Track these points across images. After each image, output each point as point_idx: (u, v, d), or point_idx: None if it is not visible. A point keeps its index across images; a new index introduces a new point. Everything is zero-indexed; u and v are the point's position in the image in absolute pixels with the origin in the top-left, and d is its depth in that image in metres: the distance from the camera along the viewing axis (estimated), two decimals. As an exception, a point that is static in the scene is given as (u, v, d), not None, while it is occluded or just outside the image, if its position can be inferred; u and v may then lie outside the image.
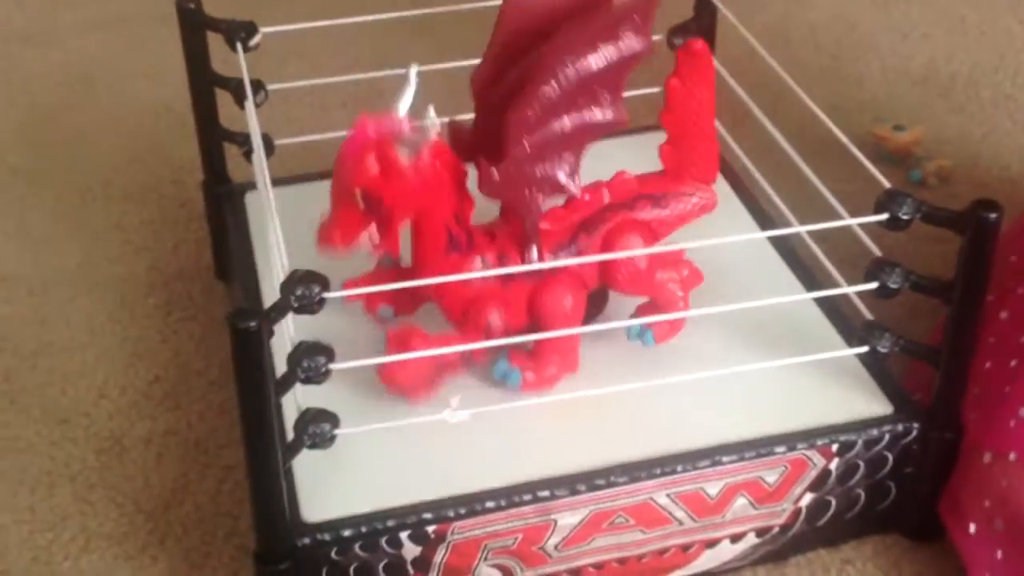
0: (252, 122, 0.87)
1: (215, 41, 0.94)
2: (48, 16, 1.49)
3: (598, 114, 0.74)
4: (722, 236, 0.85)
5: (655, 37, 0.97)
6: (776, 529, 0.79)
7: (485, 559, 0.74)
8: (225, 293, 1.05)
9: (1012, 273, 0.84)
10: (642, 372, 0.78)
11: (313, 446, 0.69)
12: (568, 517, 0.74)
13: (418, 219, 0.75)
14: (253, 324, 0.62)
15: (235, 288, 0.94)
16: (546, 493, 0.73)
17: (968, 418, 0.77)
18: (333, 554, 0.71)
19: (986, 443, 0.76)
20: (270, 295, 0.85)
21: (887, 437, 0.78)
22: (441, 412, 0.72)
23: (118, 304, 1.06)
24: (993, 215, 0.70)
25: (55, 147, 1.26)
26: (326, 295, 0.67)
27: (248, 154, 0.95)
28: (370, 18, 0.96)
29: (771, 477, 0.77)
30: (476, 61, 0.80)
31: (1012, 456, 0.74)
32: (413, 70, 0.76)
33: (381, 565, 0.72)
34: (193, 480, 0.89)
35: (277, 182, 0.84)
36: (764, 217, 0.94)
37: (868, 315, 0.79)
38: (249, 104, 0.88)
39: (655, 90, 1.00)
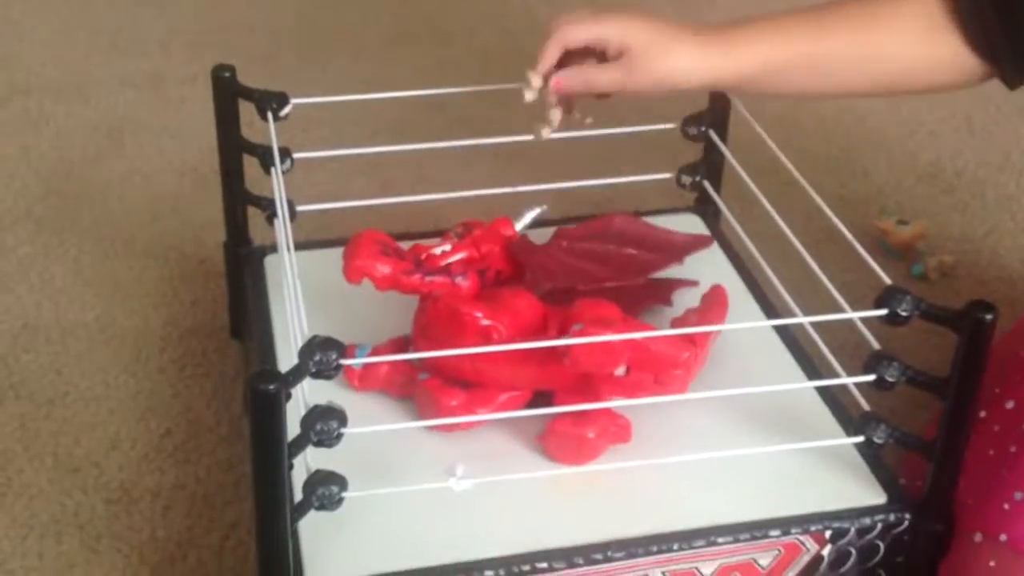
0: (279, 190, 0.90)
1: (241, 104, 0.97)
2: (81, 71, 1.53)
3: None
4: (726, 321, 0.89)
5: (670, 125, 1.02)
6: (768, 612, 0.81)
7: (482, 626, 0.75)
8: (239, 351, 1.07)
9: (1021, 365, 0.86)
10: (643, 450, 0.80)
11: (321, 508, 0.71)
12: (564, 589, 0.76)
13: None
14: (272, 387, 0.64)
15: (251, 348, 0.96)
16: (544, 565, 0.75)
17: (966, 502, 0.79)
18: (334, 615, 0.73)
19: (978, 524, 0.78)
20: (285, 356, 0.88)
21: (879, 526, 0.79)
22: (447, 480, 0.74)
23: (134, 357, 1.08)
24: (989, 316, 0.72)
25: (80, 200, 1.29)
26: (343, 362, 0.69)
27: (271, 218, 0.98)
28: (397, 95, 0.99)
29: (764, 560, 0.79)
30: (489, 140, 0.88)
31: (1003, 538, 0.76)
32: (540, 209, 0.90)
33: (381, 628, 0.74)
34: (198, 535, 0.91)
35: (297, 246, 0.86)
36: (767, 303, 0.97)
37: (865, 406, 0.81)
38: (276, 172, 0.91)
39: (667, 175, 1.04)
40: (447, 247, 0.86)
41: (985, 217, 1.30)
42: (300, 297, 0.78)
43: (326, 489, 0.70)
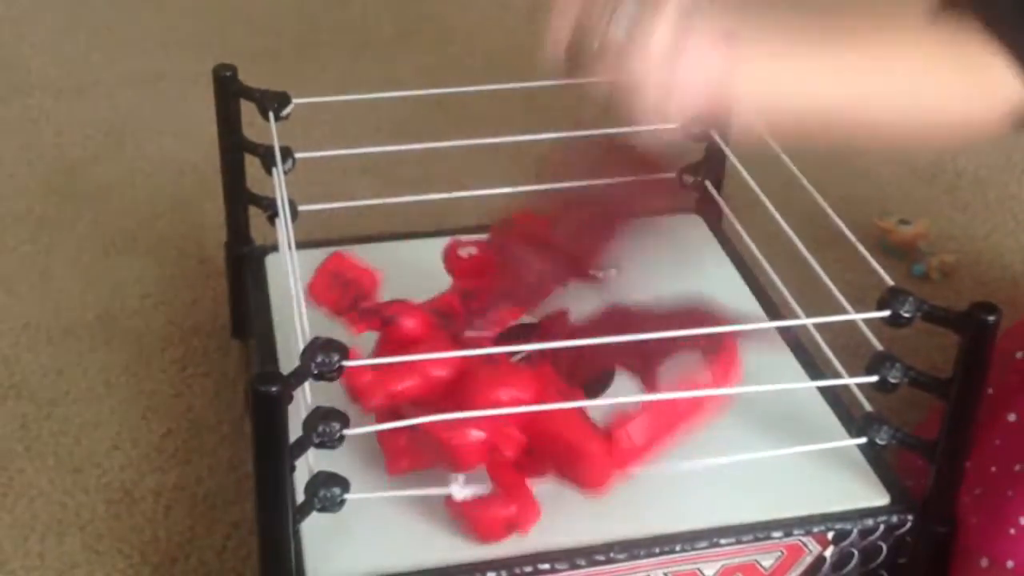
0: (280, 190, 0.90)
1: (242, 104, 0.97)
2: (82, 70, 1.53)
3: None
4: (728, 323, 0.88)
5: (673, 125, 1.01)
6: (770, 613, 0.81)
7: (484, 628, 0.75)
8: (240, 351, 1.07)
9: (1020, 371, 0.86)
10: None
11: (323, 509, 0.71)
12: (567, 591, 0.76)
13: None
14: (275, 389, 0.64)
15: (252, 348, 0.96)
16: (546, 566, 0.75)
17: (970, 521, 0.79)
18: (336, 617, 0.73)
19: (985, 549, 0.77)
20: (286, 357, 0.88)
21: (882, 527, 0.79)
22: (448, 487, 0.74)
23: (135, 357, 1.08)
24: (991, 317, 0.72)
25: (81, 199, 1.29)
26: (345, 363, 0.69)
27: (272, 218, 0.97)
28: (399, 94, 0.99)
29: (767, 561, 0.79)
30: (491, 139, 0.86)
31: (1010, 564, 0.75)
32: None
33: (382, 629, 0.74)
34: (200, 535, 0.91)
35: (298, 246, 0.86)
36: (769, 303, 0.97)
37: (868, 407, 0.81)
38: (278, 172, 0.91)
39: (669, 175, 1.04)
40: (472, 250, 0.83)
41: (987, 217, 1.29)
42: (302, 298, 0.78)
43: (328, 491, 0.70)
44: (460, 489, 0.74)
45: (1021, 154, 1.40)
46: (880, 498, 0.80)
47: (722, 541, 0.77)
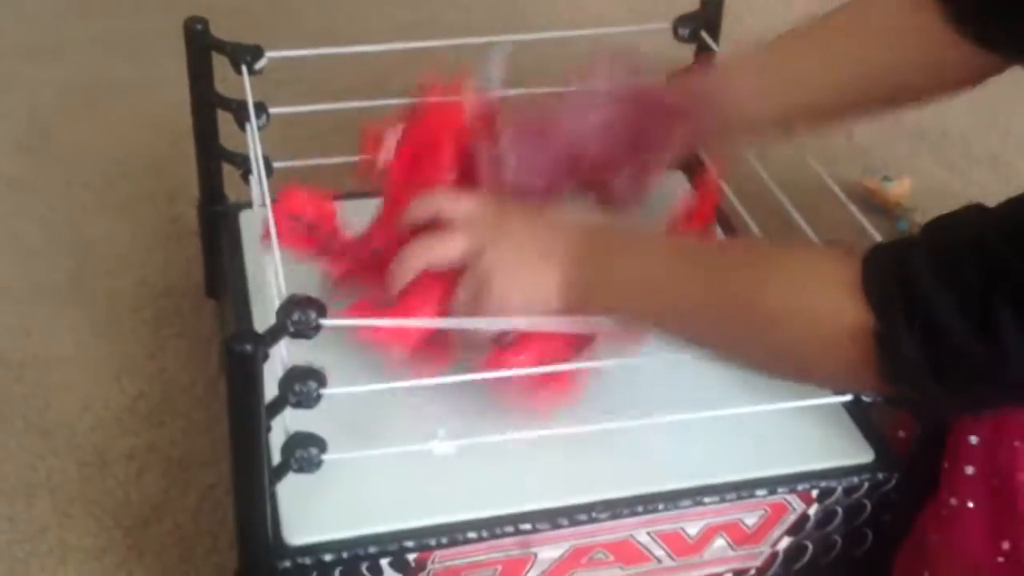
0: (254, 145, 0.87)
1: (215, 59, 0.95)
2: (51, 30, 1.50)
3: None
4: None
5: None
6: (753, 571, 0.80)
7: (464, 589, 0.74)
8: (214, 311, 1.05)
9: None
10: (627, 410, 0.79)
11: (299, 470, 0.69)
12: (548, 551, 0.75)
13: None
14: (249, 347, 0.63)
15: (226, 308, 0.94)
16: (528, 526, 0.74)
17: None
18: (313, 578, 0.71)
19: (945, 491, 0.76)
20: (261, 316, 0.86)
21: (866, 485, 0.78)
22: (428, 443, 0.72)
23: (106, 318, 1.06)
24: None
25: (52, 159, 1.26)
26: (323, 321, 0.67)
27: (246, 175, 0.95)
28: (375, 48, 0.97)
29: (750, 519, 0.78)
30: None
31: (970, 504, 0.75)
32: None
33: (361, 591, 0.72)
34: (174, 497, 0.89)
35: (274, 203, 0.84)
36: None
37: (853, 364, 0.80)
38: (252, 127, 0.89)
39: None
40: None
41: (971, 176, 1.29)
42: (277, 255, 0.76)
43: (305, 451, 0.69)
44: (440, 444, 0.72)
45: (1006, 114, 1.39)
46: (864, 455, 0.79)
47: (705, 500, 0.76)
